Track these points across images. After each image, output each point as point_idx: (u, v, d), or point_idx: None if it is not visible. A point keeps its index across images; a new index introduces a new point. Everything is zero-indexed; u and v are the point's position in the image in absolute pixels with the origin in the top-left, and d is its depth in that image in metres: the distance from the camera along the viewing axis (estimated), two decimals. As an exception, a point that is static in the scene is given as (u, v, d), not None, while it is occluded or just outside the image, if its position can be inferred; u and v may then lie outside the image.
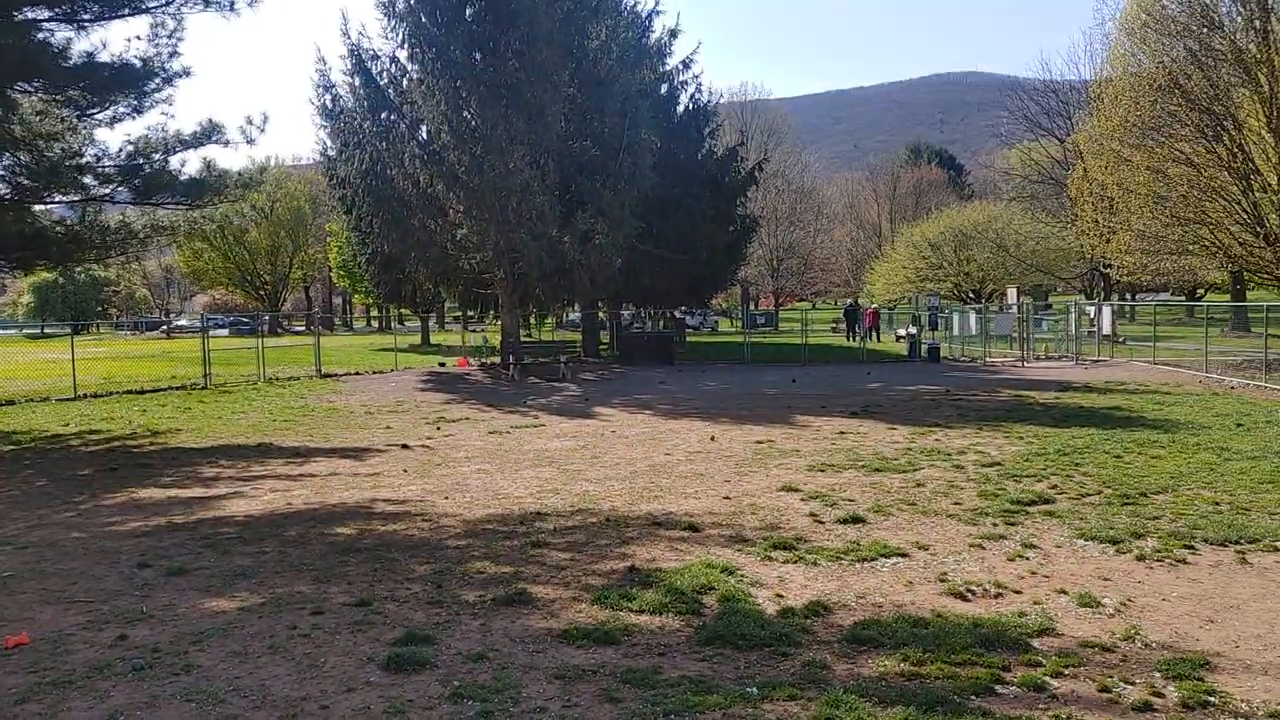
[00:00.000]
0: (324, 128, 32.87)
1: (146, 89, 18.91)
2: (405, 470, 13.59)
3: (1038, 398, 21.25)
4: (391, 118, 30.95)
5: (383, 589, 7.77)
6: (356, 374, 31.83)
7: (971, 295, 60.51)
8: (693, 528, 9.62)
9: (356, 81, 31.17)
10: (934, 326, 45.82)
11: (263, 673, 6.03)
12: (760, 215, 55.64)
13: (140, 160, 19.94)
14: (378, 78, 31.02)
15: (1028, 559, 8.37)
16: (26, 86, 17.40)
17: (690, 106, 40.36)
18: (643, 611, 7.06)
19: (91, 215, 21.02)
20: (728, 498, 11.16)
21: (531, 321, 49.92)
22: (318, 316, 47.06)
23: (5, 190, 19.21)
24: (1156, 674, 5.85)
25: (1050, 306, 51.93)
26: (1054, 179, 57.94)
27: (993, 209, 62.46)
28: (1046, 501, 10.54)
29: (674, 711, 5.33)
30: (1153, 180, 29.20)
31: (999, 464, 12.92)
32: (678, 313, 48.30)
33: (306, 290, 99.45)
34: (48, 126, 18.04)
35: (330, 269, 74.27)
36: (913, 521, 9.80)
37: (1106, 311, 37.46)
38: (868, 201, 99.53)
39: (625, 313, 42.38)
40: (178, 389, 26.92)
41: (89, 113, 19.16)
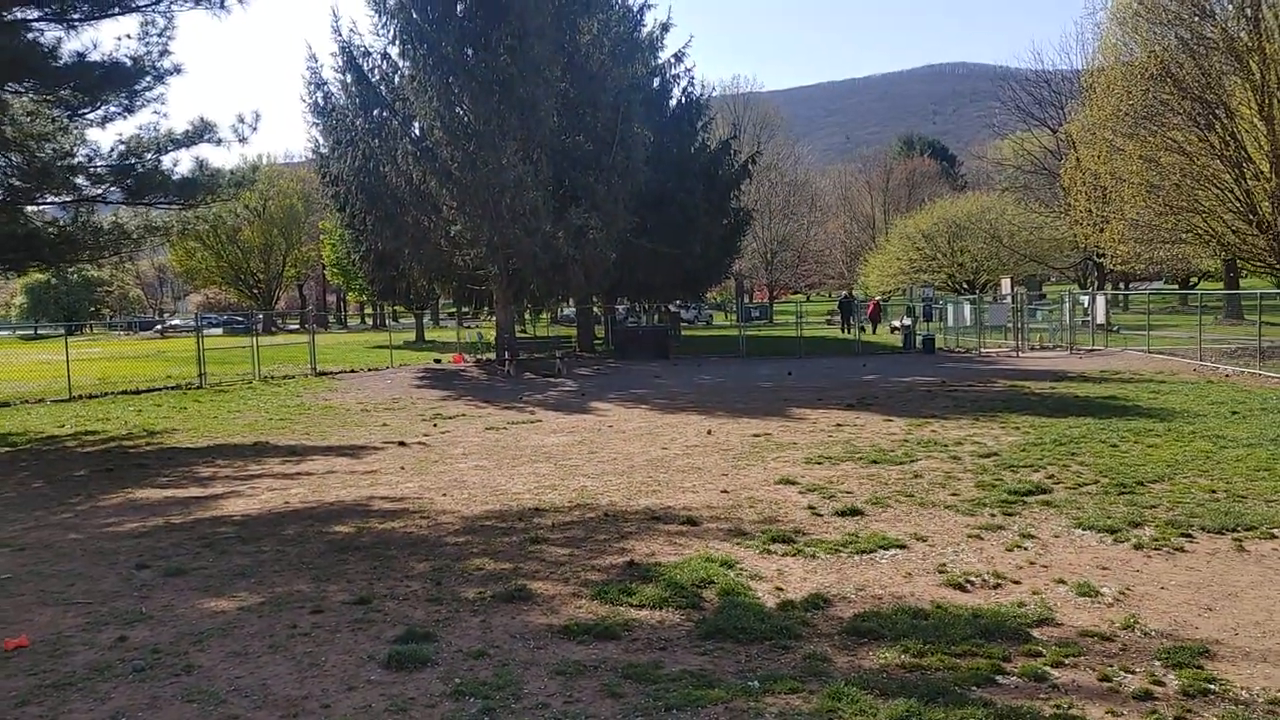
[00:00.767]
0: (316, 125, 32.79)
1: (138, 88, 18.84)
2: (403, 467, 13.57)
3: (1033, 388, 21.29)
4: (384, 114, 30.88)
5: (382, 587, 7.76)
6: (352, 372, 31.80)
7: (966, 286, 60.59)
8: (691, 521, 9.63)
9: (348, 78, 31.11)
10: (928, 318, 45.85)
11: (263, 672, 6.03)
12: (754, 208, 55.56)
13: (132, 160, 19.87)
14: (369, 74, 30.96)
15: (1026, 549, 8.38)
16: (17, 87, 17.34)
17: (683, 100, 40.31)
18: (643, 606, 7.07)
19: (84, 216, 20.94)
20: (726, 491, 11.17)
21: (526, 317, 49.88)
22: (312, 314, 46.96)
23: (-3, 191, 19.14)
24: (1156, 662, 5.86)
25: (1044, 296, 52.02)
26: (1047, 169, 58.07)
27: (986, 199, 62.52)
28: (1044, 491, 10.56)
29: (676, 706, 5.33)
30: (1145, 169, 29.26)
31: (996, 454, 12.94)
32: (673, 307, 48.37)
33: (300, 288, 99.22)
34: (39, 127, 17.97)
35: (324, 267, 74.09)
36: (911, 513, 9.82)
37: (1100, 301, 37.51)
38: (861, 193, 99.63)
39: (620, 307, 42.36)
40: (173, 389, 26.87)
41: (80, 113, 19.07)
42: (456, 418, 19.38)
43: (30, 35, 16.99)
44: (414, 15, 28.49)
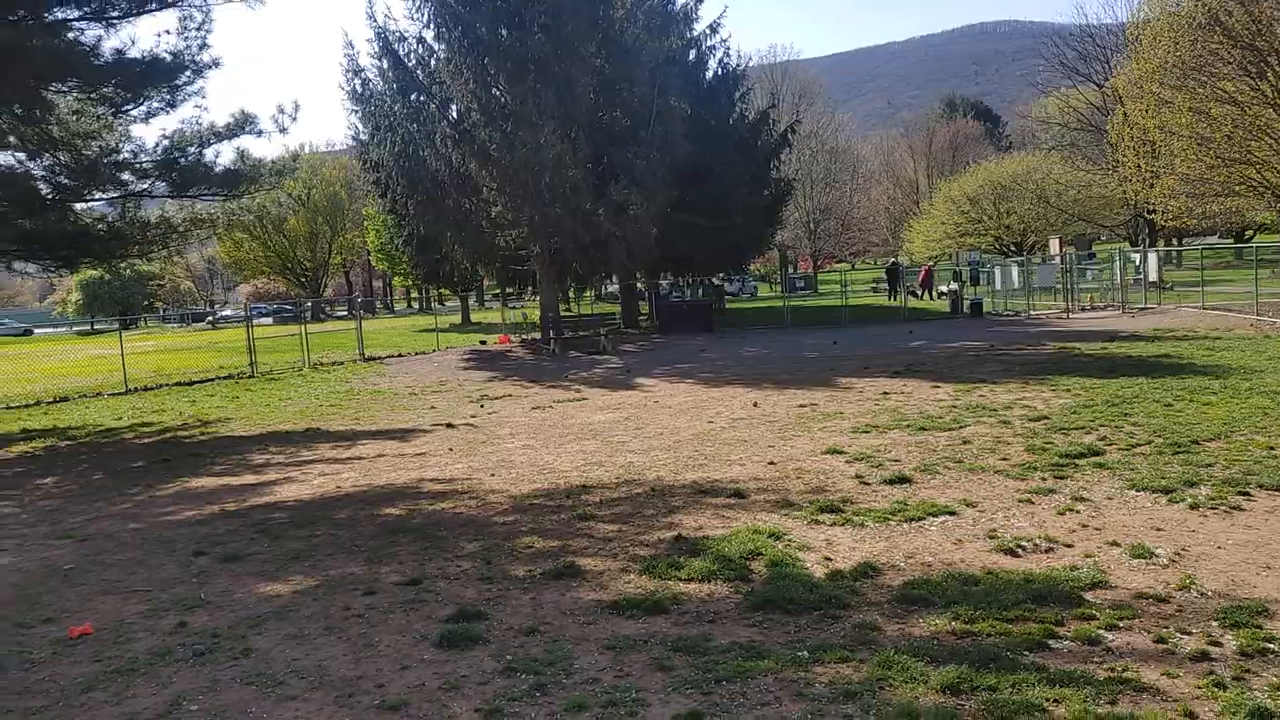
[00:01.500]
0: (355, 112, 33.08)
1: (178, 82, 19.05)
2: (451, 449, 13.69)
3: (1084, 349, 20.97)
4: (421, 98, 30.99)
5: (433, 567, 7.85)
6: (399, 356, 32.07)
7: (1013, 248, 59.73)
8: (738, 494, 9.62)
9: (385, 64, 31.26)
10: (975, 282, 45.29)
11: (319, 654, 6.13)
12: (795, 178, 55.18)
13: (176, 154, 20.14)
14: (405, 59, 31.04)
15: (1078, 512, 8.27)
16: (61, 87, 17.58)
17: (719, 71, 40.01)
18: (691, 580, 7.08)
19: (131, 211, 21.26)
20: (772, 463, 11.14)
21: (570, 295, 49.98)
22: (359, 300, 47.33)
23: (47, 190, 19.45)
24: (1213, 623, 5.77)
25: (1094, 256, 51.20)
26: (1093, 126, 56.80)
27: (1031, 159, 61.45)
28: (1096, 454, 10.40)
29: (726, 678, 5.34)
30: (1195, 122, 28.56)
31: (1046, 418, 12.77)
32: (716, 280, 48.13)
33: (346, 275, 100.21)
34: (84, 125, 18.25)
35: (369, 252, 74.82)
36: (960, 479, 9.73)
37: (1152, 258, 36.81)
38: (903, 159, 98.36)
39: (663, 282, 42.33)
40: (225, 379, 27.28)
41: (123, 109, 19.35)
42: (503, 398, 19.50)
43: (70, 35, 17.21)
44: (447, -3, 28.52)
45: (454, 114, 30.77)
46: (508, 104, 28.60)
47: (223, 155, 21.78)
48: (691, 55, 38.92)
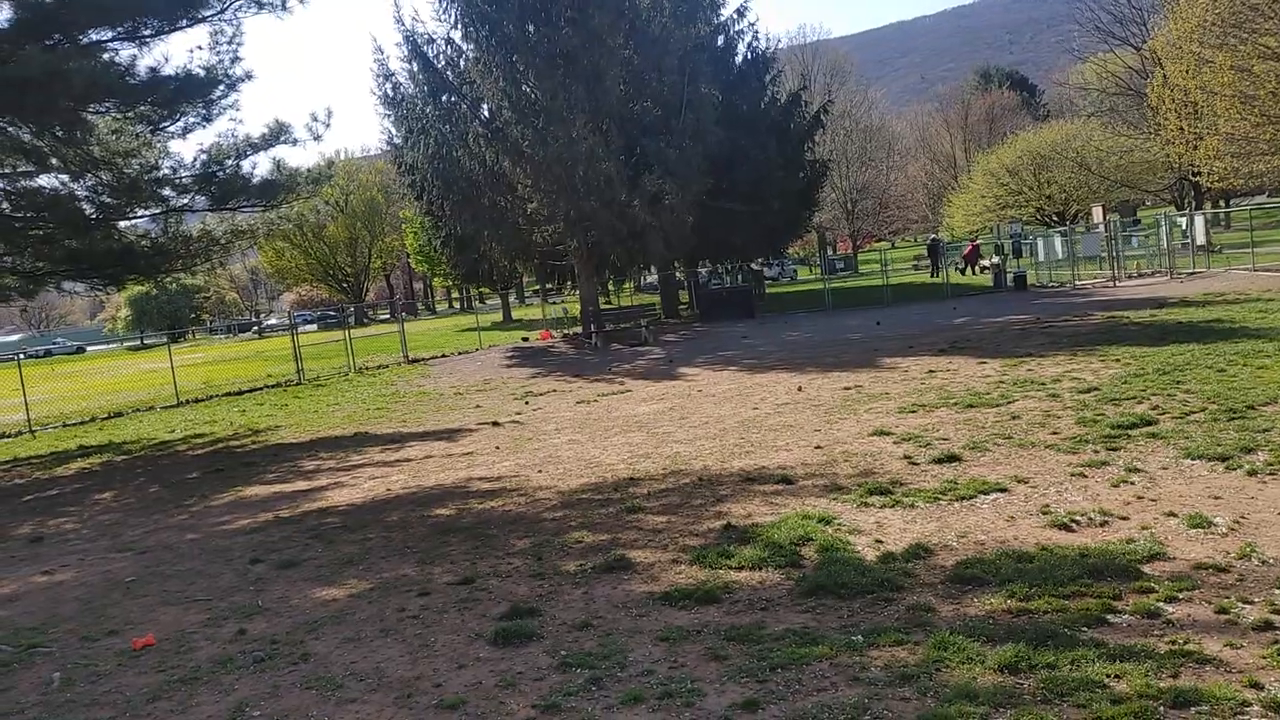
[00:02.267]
0: (387, 116, 33.23)
1: (212, 97, 19.25)
2: (497, 447, 13.77)
3: (1132, 317, 20.64)
4: (452, 99, 31.10)
5: (485, 565, 7.90)
6: (443, 356, 32.29)
7: (1055, 218, 58.85)
8: (786, 480, 9.58)
9: (414, 67, 31.42)
10: (1018, 254, 44.65)
11: (376, 656, 6.19)
12: (830, 159, 54.78)
13: (214, 168, 20.37)
14: (434, 61, 31.16)
15: (1133, 484, 8.15)
16: (99, 107, 17.84)
17: (748, 55, 39.76)
18: (742, 568, 7.07)
19: (174, 226, 21.58)
20: (819, 447, 11.08)
21: (610, 288, 50.00)
22: (400, 303, 47.76)
23: (91, 210, 19.79)
24: (1276, 591, 5.66)
25: (1139, 222, 50.24)
26: (1133, 89, 55.77)
27: (1070, 127, 60.44)
28: (1149, 423, 10.23)
29: (780, 665, 5.33)
30: (1238, 80, 28.00)
31: (1096, 389, 12.58)
32: (755, 265, 47.91)
33: (387, 278, 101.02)
34: (124, 144, 18.53)
35: (408, 255, 75.23)
36: (1010, 455, 9.62)
37: (1199, 221, 36.08)
38: (939, 133, 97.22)
39: (702, 270, 42.18)
40: (273, 387, 27.64)
41: (161, 126, 19.60)
42: (547, 394, 19.57)
43: (105, 55, 17.46)
44: (473, -3, 28.59)
45: (485, 113, 30.86)
46: (538, 100, 28.62)
47: (259, 166, 22.08)
48: (720, 41, 38.75)
